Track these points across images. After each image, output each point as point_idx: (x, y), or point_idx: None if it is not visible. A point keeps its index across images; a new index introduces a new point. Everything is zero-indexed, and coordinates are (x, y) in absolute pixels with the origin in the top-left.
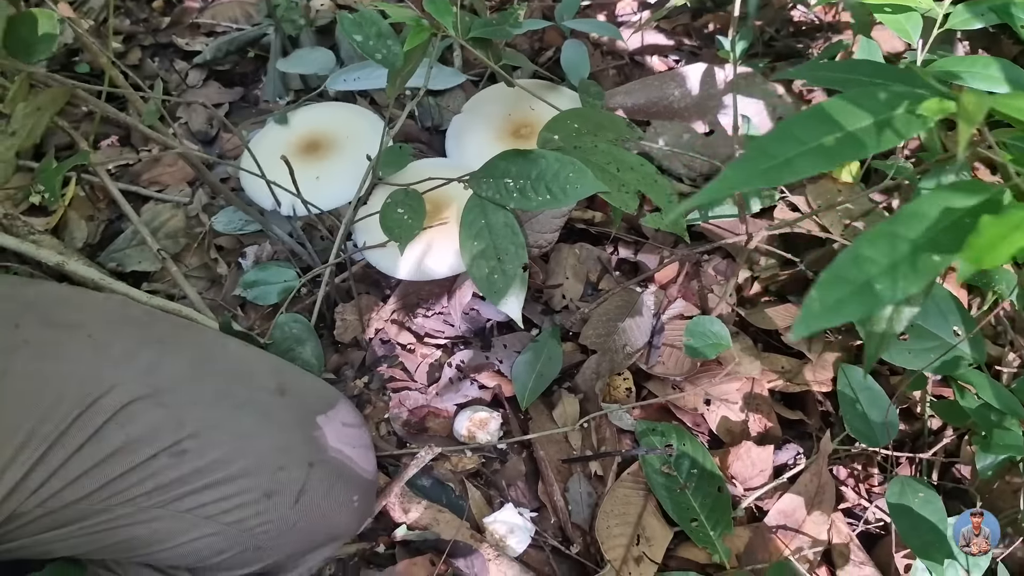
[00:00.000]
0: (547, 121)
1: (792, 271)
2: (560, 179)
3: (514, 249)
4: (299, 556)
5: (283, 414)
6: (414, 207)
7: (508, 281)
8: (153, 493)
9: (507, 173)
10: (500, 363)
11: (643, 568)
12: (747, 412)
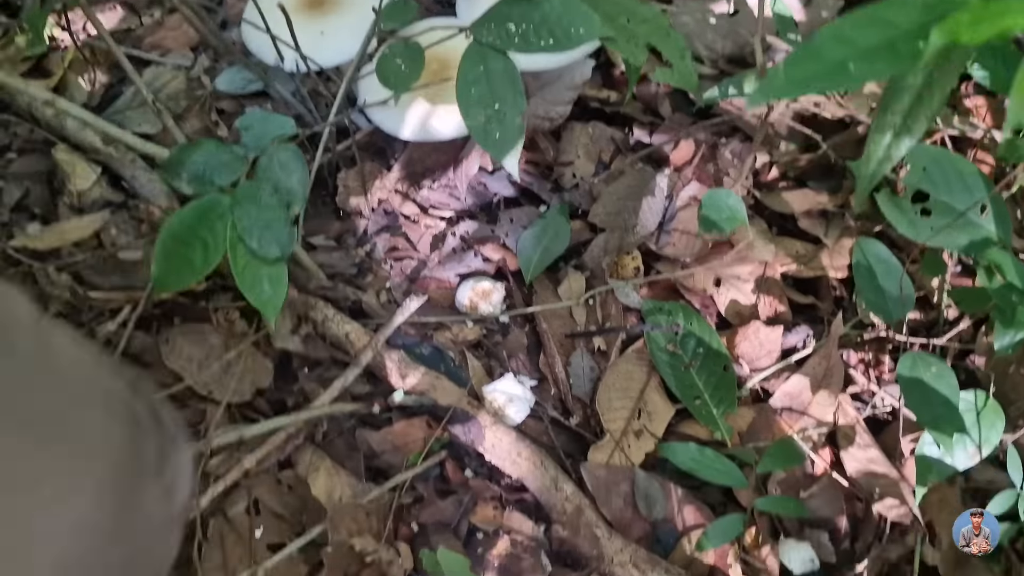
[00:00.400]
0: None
1: (812, 156)
2: (564, 23)
3: (512, 96)
4: None
5: None
6: (412, 58)
7: (505, 131)
8: None
9: (509, 18)
10: (505, 236)
11: (643, 441)
12: (758, 295)
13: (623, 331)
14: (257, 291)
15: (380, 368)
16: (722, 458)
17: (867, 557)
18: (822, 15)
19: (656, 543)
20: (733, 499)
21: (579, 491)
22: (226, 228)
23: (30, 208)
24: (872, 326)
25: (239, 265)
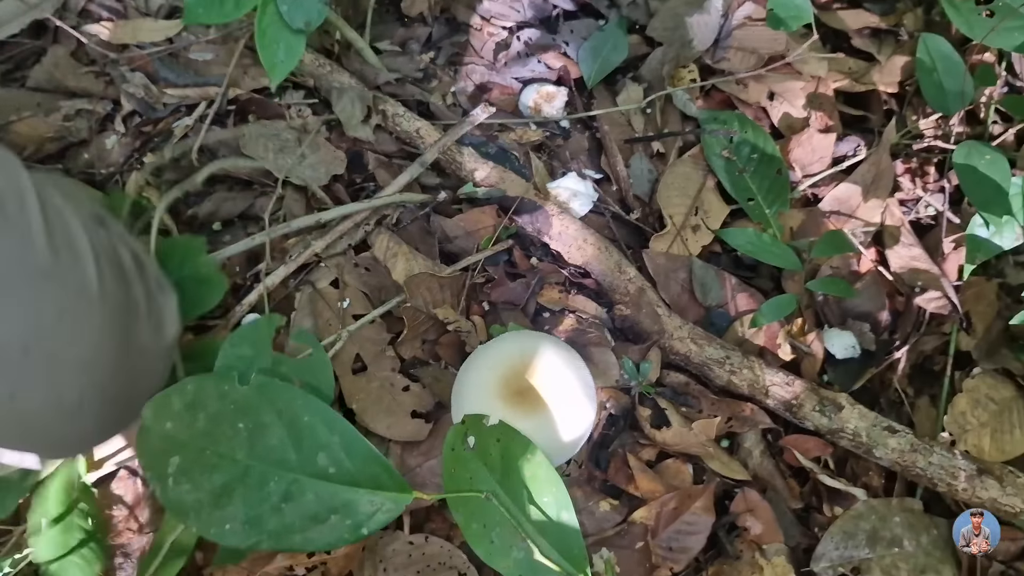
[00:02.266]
0: None
1: None
2: None
3: None
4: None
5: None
6: None
7: None
8: None
9: None
10: (566, 46)
11: (700, 235)
12: (809, 110)
13: (681, 134)
14: (271, 52)
15: (450, 162)
16: (778, 242)
17: (905, 345)
18: None
19: (710, 326)
20: (783, 291)
21: (640, 275)
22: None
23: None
24: (920, 136)
25: (263, 22)
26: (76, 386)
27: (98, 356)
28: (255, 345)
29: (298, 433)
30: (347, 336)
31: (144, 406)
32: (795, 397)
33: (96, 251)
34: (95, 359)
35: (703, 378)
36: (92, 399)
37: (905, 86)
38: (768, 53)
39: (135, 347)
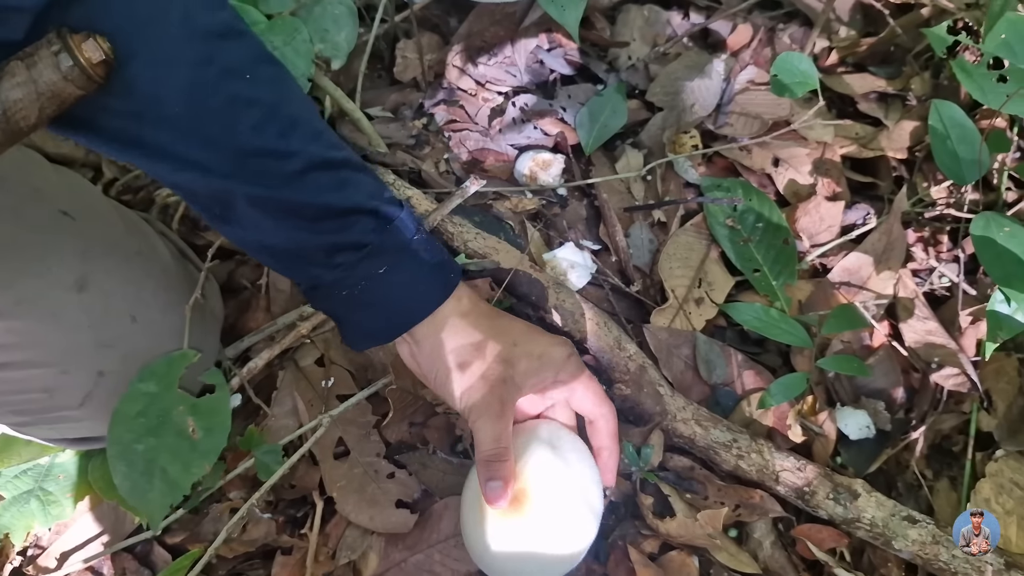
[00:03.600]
0: None
1: (872, 41)
2: None
3: None
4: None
5: (75, 314)
6: None
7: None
8: None
9: None
10: (563, 111)
11: (703, 309)
12: (816, 176)
13: (683, 202)
14: None
15: (440, 233)
16: (786, 317)
17: (923, 425)
18: None
19: (716, 406)
20: (792, 368)
21: (641, 352)
22: None
23: None
24: (932, 204)
25: None
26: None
27: (183, 323)
28: (162, 382)
29: None
30: (329, 422)
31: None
32: (807, 483)
33: (159, 238)
34: (182, 325)
35: (709, 462)
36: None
37: (915, 152)
38: (772, 118)
39: (204, 318)
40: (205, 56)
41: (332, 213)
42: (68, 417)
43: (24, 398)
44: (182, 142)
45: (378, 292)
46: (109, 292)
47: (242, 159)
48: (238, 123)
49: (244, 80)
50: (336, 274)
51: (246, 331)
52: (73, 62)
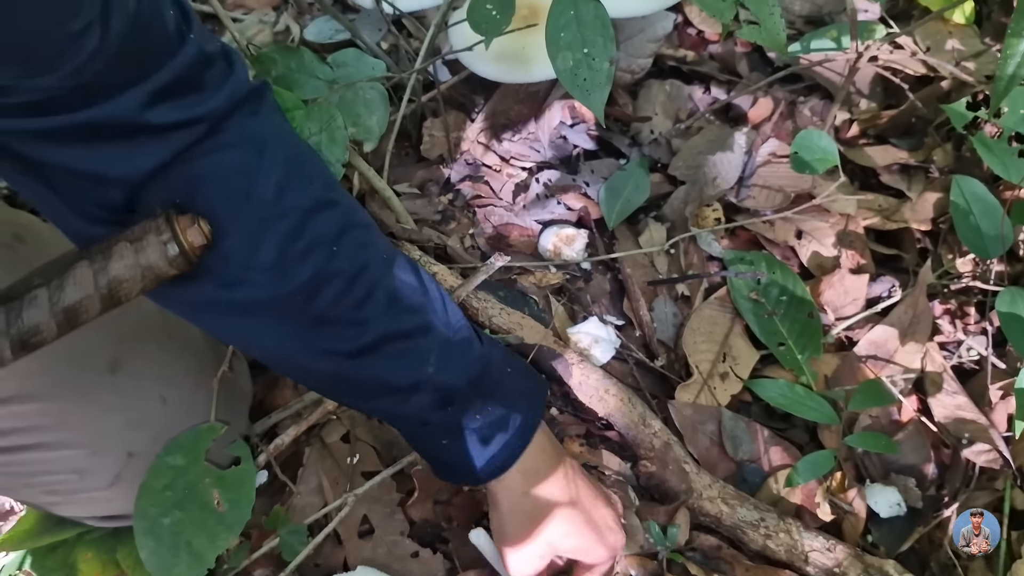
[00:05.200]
0: None
1: (893, 113)
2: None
3: (602, 42)
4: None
5: (106, 396)
6: (503, 3)
7: (594, 75)
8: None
9: None
10: (587, 186)
11: (728, 383)
12: (840, 248)
13: (706, 276)
14: None
15: (465, 308)
16: (812, 394)
17: (955, 502)
18: None
19: (742, 483)
20: (820, 444)
21: (666, 428)
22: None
23: None
24: (958, 277)
25: None
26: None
27: (213, 401)
28: (189, 455)
29: None
30: (353, 501)
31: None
32: (838, 564)
33: None
34: (210, 404)
35: (736, 541)
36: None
37: (939, 223)
38: (794, 191)
39: (233, 394)
40: (296, 231)
41: (390, 389)
42: (98, 497)
43: (55, 479)
44: (262, 310)
45: (442, 455)
46: (140, 374)
47: (317, 327)
48: (319, 294)
49: (331, 251)
50: (403, 431)
51: (273, 408)
52: (179, 249)
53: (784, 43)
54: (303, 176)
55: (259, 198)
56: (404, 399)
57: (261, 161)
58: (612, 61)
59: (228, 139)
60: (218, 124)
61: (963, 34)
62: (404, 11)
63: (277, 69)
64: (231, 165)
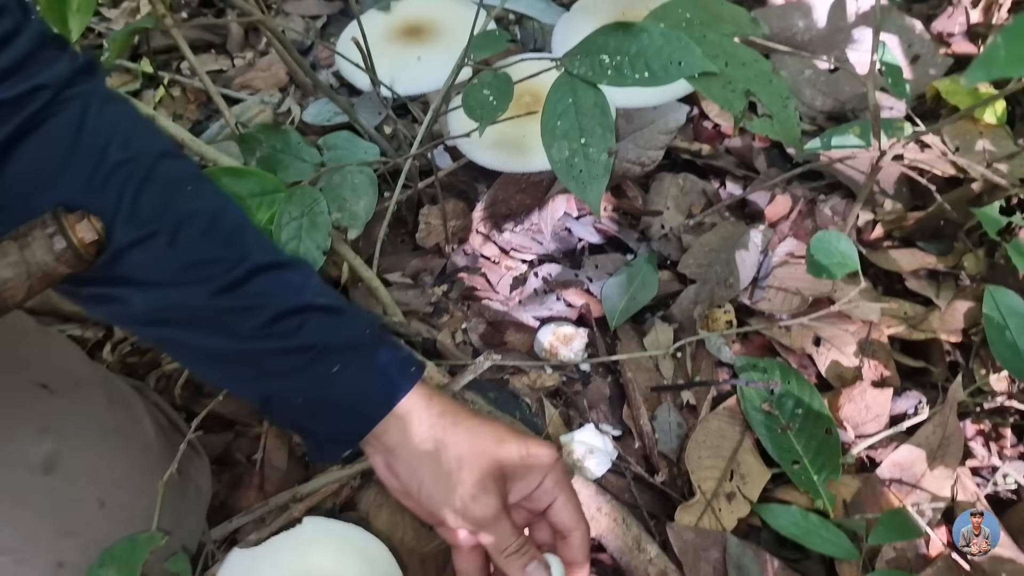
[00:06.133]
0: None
1: (920, 215)
2: (663, 56)
3: (601, 131)
4: None
5: (37, 498)
6: (501, 89)
7: (591, 166)
8: None
9: (604, 48)
10: (589, 282)
11: (735, 505)
12: (862, 358)
13: (715, 384)
14: None
15: None
16: (829, 525)
17: None
18: (929, 72)
19: None
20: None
21: (664, 554)
22: (270, 209)
23: None
24: (992, 395)
25: None
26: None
27: (158, 506)
28: (123, 568)
29: None
30: None
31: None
32: None
33: (147, 411)
34: (154, 510)
35: None
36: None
37: (970, 335)
38: (812, 295)
39: (186, 497)
40: (147, 174)
41: (278, 316)
42: None
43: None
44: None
45: (334, 393)
46: (78, 474)
47: (188, 269)
48: (181, 233)
49: (186, 191)
50: (287, 383)
51: (237, 510)
52: (66, 243)
53: (799, 137)
54: (152, 130)
55: (106, 145)
56: (293, 326)
57: (102, 113)
58: (611, 152)
59: (74, 97)
60: (62, 90)
61: (994, 134)
62: (402, 95)
63: (262, 149)
64: (76, 118)
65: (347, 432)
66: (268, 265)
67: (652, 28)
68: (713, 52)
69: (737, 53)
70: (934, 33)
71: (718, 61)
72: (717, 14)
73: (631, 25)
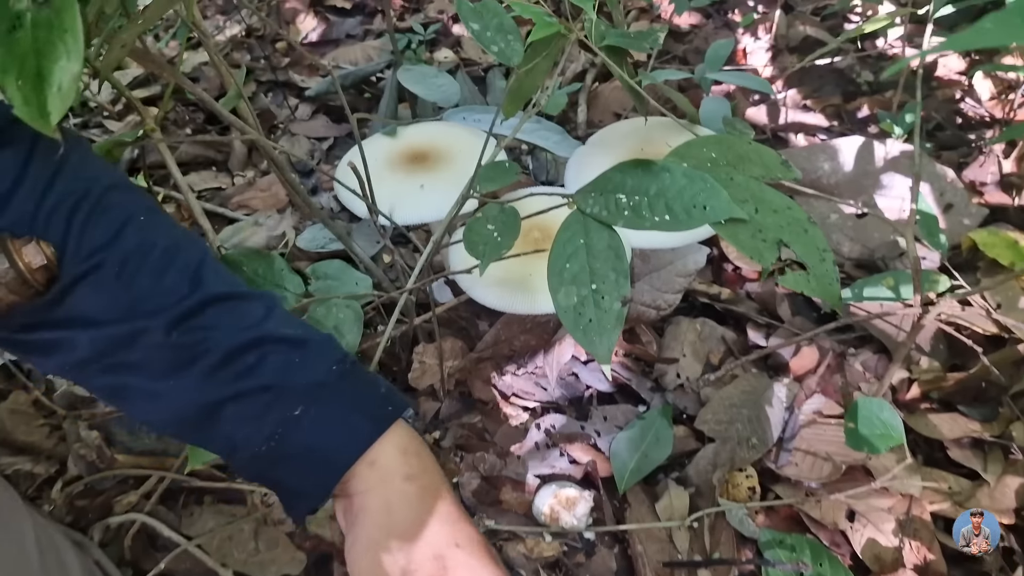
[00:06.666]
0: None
1: (961, 376)
2: (685, 197)
3: (614, 277)
4: None
5: None
6: (507, 224)
7: (602, 316)
8: None
9: (621, 187)
10: (597, 436)
11: None
12: (902, 537)
13: (736, 563)
14: None
15: None
16: None
17: None
18: (963, 222)
19: None
20: None
21: None
22: None
23: None
24: None
25: None
26: None
27: None
28: None
29: None
30: None
31: None
32: None
33: (82, 570)
34: None
35: None
36: None
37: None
38: (845, 461)
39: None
40: (95, 204)
41: (232, 352)
42: None
43: None
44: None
45: (296, 440)
46: None
47: (135, 302)
48: (129, 264)
49: (138, 222)
50: (246, 429)
51: None
52: (10, 266)
53: (839, 296)
54: (102, 163)
55: (53, 176)
56: (251, 363)
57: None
58: (625, 301)
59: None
60: (10, 124)
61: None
62: (401, 224)
63: (243, 274)
64: (24, 151)
65: (314, 485)
66: (223, 296)
67: (674, 167)
68: (741, 196)
69: (767, 198)
70: (966, 182)
71: (747, 206)
72: (744, 154)
73: (651, 163)
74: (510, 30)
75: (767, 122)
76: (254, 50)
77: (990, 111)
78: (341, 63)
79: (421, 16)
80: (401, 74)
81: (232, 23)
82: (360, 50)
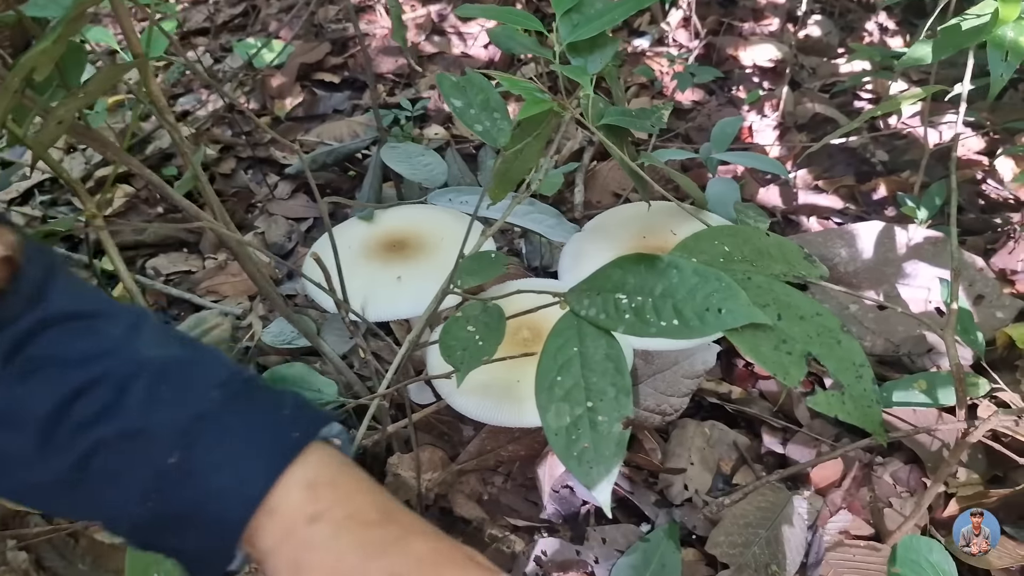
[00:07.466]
0: (684, 238)
1: (1005, 492)
2: (697, 299)
3: (614, 393)
4: None
5: None
6: (490, 325)
7: (598, 441)
8: None
9: (621, 286)
10: (595, 563)
11: None
12: None
13: None
14: None
15: None
16: None
17: None
18: (996, 316)
19: None
20: None
21: None
22: None
23: None
24: None
25: None
26: None
27: None
28: None
29: None
30: None
31: None
32: None
33: None
34: None
35: None
36: None
37: None
38: None
39: None
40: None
41: (82, 387)
42: None
43: None
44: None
45: (178, 495)
46: None
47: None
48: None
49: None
50: (116, 491)
51: None
52: None
53: (880, 421)
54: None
55: None
56: (107, 401)
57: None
58: (626, 423)
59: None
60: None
61: None
62: (373, 321)
63: None
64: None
65: (212, 550)
66: (70, 315)
67: (683, 264)
68: (762, 299)
69: (793, 302)
70: (995, 269)
71: (769, 311)
72: (762, 248)
73: (656, 259)
74: (496, 107)
75: (780, 205)
76: (236, 125)
77: (1014, 193)
78: (326, 139)
79: (412, 91)
80: (385, 152)
81: (215, 97)
82: (346, 126)
